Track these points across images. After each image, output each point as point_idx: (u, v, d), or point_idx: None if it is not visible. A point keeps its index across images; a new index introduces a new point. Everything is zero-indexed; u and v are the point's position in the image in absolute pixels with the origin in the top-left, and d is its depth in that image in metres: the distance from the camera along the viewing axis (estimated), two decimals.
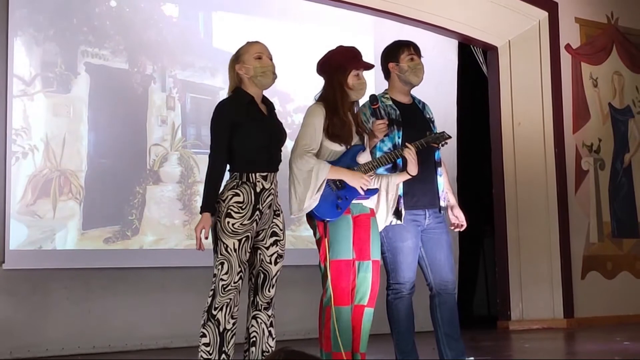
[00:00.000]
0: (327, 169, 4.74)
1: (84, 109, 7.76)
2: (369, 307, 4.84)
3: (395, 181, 5.01)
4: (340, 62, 4.93)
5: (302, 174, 4.74)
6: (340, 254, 4.76)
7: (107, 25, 8.02)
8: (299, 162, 4.75)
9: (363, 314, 4.82)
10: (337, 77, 4.90)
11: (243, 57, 4.70)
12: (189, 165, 8.26)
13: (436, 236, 5.20)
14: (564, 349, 8.16)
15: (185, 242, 8.15)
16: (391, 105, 5.23)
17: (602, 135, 10.10)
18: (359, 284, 4.83)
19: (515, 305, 9.55)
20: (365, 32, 9.26)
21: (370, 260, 4.85)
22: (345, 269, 4.76)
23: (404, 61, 5.28)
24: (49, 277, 7.52)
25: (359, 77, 4.94)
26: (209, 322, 4.45)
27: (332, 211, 4.77)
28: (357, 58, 4.96)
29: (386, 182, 5.00)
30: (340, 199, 4.79)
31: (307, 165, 4.73)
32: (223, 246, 4.47)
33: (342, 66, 4.91)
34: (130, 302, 7.84)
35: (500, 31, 9.81)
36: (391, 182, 5.00)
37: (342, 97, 4.89)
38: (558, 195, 9.55)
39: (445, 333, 5.19)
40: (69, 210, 7.59)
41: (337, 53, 5.00)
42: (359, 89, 4.94)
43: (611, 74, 10.31)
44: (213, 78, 8.42)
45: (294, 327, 8.03)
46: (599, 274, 9.80)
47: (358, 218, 4.87)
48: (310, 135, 4.80)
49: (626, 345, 7.35)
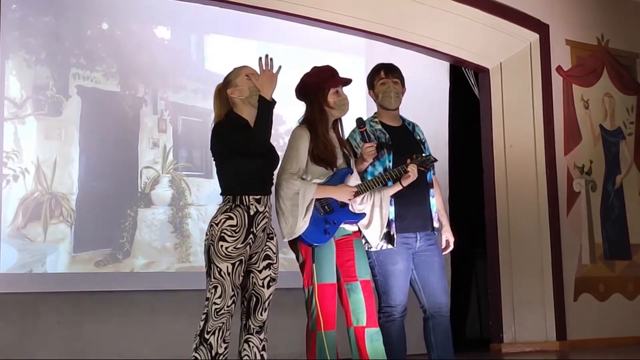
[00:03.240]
0: (313, 189, 4.73)
1: (75, 132, 7.74)
2: (370, 327, 4.80)
3: (388, 194, 5.00)
4: (317, 83, 4.91)
5: (289, 197, 4.72)
6: (325, 277, 4.74)
7: (98, 48, 8.02)
8: (284, 187, 4.74)
9: (364, 335, 4.79)
10: (316, 99, 4.89)
11: (235, 81, 4.69)
12: (180, 188, 8.24)
13: (428, 258, 5.19)
14: None
15: (177, 265, 8.13)
16: (380, 129, 5.23)
17: (594, 157, 10.10)
18: (353, 306, 4.82)
19: (508, 328, 9.51)
20: (358, 53, 9.27)
21: (357, 280, 4.83)
22: (330, 292, 4.74)
23: (377, 87, 5.31)
24: (39, 301, 7.48)
25: (339, 94, 4.93)
26: (201, 346, 4.42)
27: (320, 236, 4.75)
28: (333, 76, 4.95)
29: (379, 197, 4.99)
30: (329, 223, 4.77)
31: (294, 188, 4.72)
32: (216, 270, 4.45)
33: (320, 87, 4.90)
34: (121, 325, 7.79)
35: (492, 53, 9.83)
36: (384, 196, 4.99)
37: (321, 119, 4.87)
38: (550, 216, 9.54)
39: (439, 356, 5.17)
40: (59, 234, 7.56)
41: (312, 75, 4.99)
42: (341, 105, 4.92)
43: (602, 95, 10.32)
44: (205, 101, 8.40)
45: (285, 350, 7.99)
46: (592, 295, 9.77)
47: (340, 241, 4.85)
48: (296, 159, 4.79)
49: None
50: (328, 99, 4.89)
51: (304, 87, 4.97)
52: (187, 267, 8.17)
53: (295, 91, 5.00)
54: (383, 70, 5.34)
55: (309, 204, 4.72)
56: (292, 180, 4.73)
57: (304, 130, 4.86)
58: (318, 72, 5.00)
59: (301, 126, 4.91)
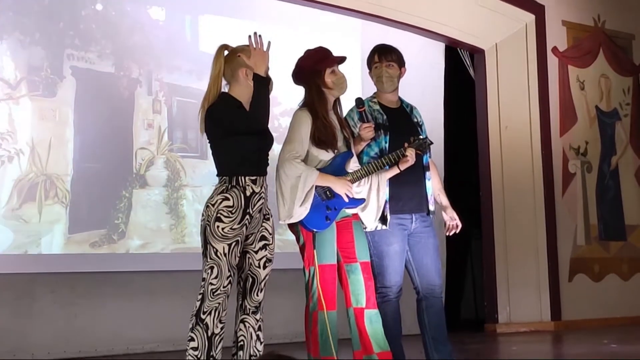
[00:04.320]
0: (315, 176, 4.73)
1: (70, 113, 7.72)
2: (369, 308, 4.82)
3: (385, 177, 5.01)
4: (313, 65, 4.91)
5: (291, 180, 4.72)
6: (325, 258, 4.75)
7: (93, 28, 7.99)
8: (287, 168, 4.74)
9: (364, 316, 4.81)
10: (314, 82, 4.89)
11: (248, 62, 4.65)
12: (175, 169, 8.23)
13: (423, 240, 5.20)
14: (551, 351, 8.17)
15: (172, 246, 8.13)
16: (378, 110, 5.24)
17: (589, 138, 10.12)
18: (352, 287, 4.83)
19: (503, 308, 9.55)
20: (353, 34, 9.25)
21: (357, 262, 4.85)
22: (331, 273, 4.76)
23: (372, 70, 5.33)
24: (34, 282, 7.48)
25: (336, 73, 4.93)
26: (197, 326, 4.43)
27: (321, 222, 4.76)
28: (327, 56, 4.95)
29: (376, 180, 5.00)
30: (330, 209, 4.79)
31: (296, 171, 4.72)
32: (213, 250, 4.44)
33: (316, 69, 4.90)
34: (117, 306, 7.80)
35: (487, 34, 9.82)
36: (381, 179, 5.01)
37: (320, 101, 4.88)
38: (545, 198, 9.56)
39: (433, 337, 5.20)
40: (54, 215, 7.55)
41: (306, 58, 4.98)
42: (339, 84, 4.92)
43: (598, 76, 10.33)
44: (199, 81, 8.36)
45: (281, 330, 8.02)
46: (586, 276, 9.81)
47: (340, 223, 4.86)
48: (298, 142, 4.79)
49: (613, 348, 7.36)
50: (325, 80, 4.89)
51: (300, 71, 4.96)
52: (182, 248, 8.18)
53: (292, 76, 4.99)
54: (377, 54, 5.33)
55: (309, 191, 4.72)
56: (295, 162, 4.73)
57: (305, 113, 4.86)
58: (312, 54, 4.99)
59: (302, 109, 4.91)
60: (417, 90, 8.60)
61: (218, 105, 4.60)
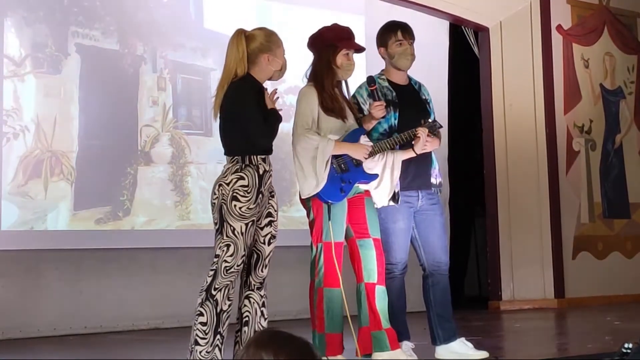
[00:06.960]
0: (332, 145, 4.79)
1: (75, 90, 7.73)
2: (380, 284, 4.86)
3: (400, 158, 5.04)
4: (332, 39, 4.96)
5: (309, 152, 4.77)
6: (336, 236, 4.78)
7: (97, 5, 7.98)
8: (303, 142, 4.79)
9: (374, 291, 4.84)
10: (326, 54, 4.95)
11: (276, 51, 4.66)
12: (180, 146, 8.24)
13: (429, 217, 5.23)
14: (554, 328, 8.19)
15: (177, 223, 8.16)
16: (387, 87, 5.26)
17: (593, 116, 10.11)
18: (365, 262, 4.87)
19: (506, 286, 9.56)
20: (357, 12, 9.23)
21: (370, 237, 4.88)
22: (337, 251, 4.79)
23: (392, 47, 5.30)
24: (40, 258, 7.51)
25: (349, 58, 4.98)
26: (207, 302, 4.44)
27: (337, 194, 4.81)
28: (350, 38, 5.01)
29: (391, 159, 5.03)
30: (344, 182, 4.83)
31: (313, 143, 4.77)
32: (230, 228, 4.46)
33: (333, 44, 4.94)
34: (122, 282, 7.83)
35: (492, 12, 9.79)
36: (396, 159, 5.04)
37: (328, 74, 4.93)
38: (549, 175, 9.56)
39: (437, 313, 5.23)
40: (60, 191, 7.58)
41: (330, 30, 5.03)
42: (347, 69, 4.98)
43: (602, 54, 10.31)
44: (204, 59, 8.39)
45: (285, 307, 8.04)
46: (590, 254, 9.83)
47: (352, 199, 4.90)
48: (310, 114, 4.84)
49: (616, 325, 7.38)
50: (337, 58, 4.94)
51: (319, 38, 5.01)
52: (187, 224, 8.20)
53: (309, 39, 5.04)
54: (400, 31, 5.32)
55: (327, 161, 4.76)
56: (309, 135, 4.78)
57: (310, 88, 4.93)
58: (337, 29, 5.05)
59: (308, 85, 4.97)
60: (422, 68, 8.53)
61: (244, 85, 4.58)
